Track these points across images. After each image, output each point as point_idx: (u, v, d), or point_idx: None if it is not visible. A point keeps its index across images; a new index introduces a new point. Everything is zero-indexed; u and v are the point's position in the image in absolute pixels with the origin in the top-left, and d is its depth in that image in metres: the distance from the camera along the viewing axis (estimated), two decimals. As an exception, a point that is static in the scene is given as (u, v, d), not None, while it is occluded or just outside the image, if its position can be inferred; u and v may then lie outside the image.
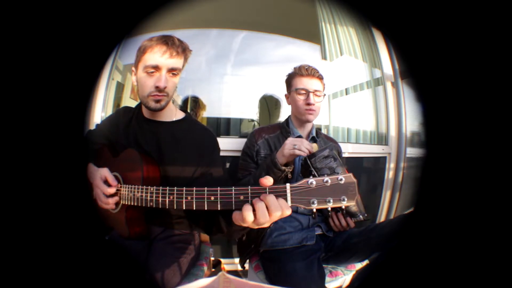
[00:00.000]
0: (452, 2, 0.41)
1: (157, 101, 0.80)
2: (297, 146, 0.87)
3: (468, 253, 0.39)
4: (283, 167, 0.90)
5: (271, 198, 0.51)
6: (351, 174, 0.51)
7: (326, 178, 0.51)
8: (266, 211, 0.50)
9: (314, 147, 0.89)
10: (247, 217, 0.51)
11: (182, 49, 0.80)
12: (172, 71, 0.79)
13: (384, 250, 0.88)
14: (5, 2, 0.39)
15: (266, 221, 0.51)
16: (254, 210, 0.51)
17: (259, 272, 0.99)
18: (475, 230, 0.39)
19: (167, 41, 0.78)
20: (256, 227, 0.53)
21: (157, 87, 0.78)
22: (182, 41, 0.81)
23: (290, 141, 0.90)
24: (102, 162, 0.83)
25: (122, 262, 0.63)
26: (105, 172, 0.77)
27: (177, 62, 0.79)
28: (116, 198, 0.77)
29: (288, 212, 0.51)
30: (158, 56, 0.77)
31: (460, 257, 0.40)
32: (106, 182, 0.76)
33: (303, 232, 1.00)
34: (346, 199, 0.50)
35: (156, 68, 0.78)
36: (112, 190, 0.75)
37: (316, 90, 1.03)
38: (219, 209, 0.55)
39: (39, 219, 0.42)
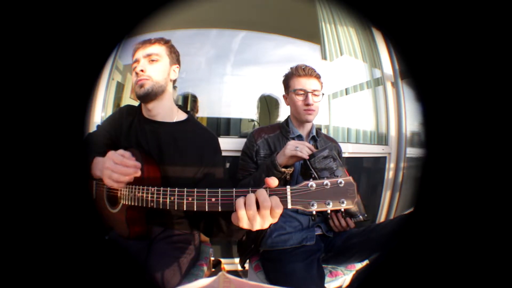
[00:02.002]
0: (452, 2, 0.41)
1: (141, 86, 0.83)
2: (299, 148, 0.87)
3: (468, 253, 0.39)
4: (283, 169, 0.90)
5: (261, 190, 0.52)
6: (350, 177, 0.52)
7: (325, 181, 0.51)
8: (255, 202, 0.51)
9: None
10: (239, 211, 0.51)
11: (156, 40, 0.87)
12: (149, 56, 0.85)
13: (384, 250, 0.88)
14: (5, 2, 0.39)
15: (254, 213, 0.51)
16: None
17: (259, 272, 0.99)
18: (475, 230, 0.39)
19: (144, 39, 0.87)
20: (253, 229, 0.53)
21: (136, 73, 0.84)
22: (160, 37, 0.89)
23: (292, 142, 0.90)
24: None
25: (122, 262, 0.63)
26: (121, 150, 0.69)
27: (152, 48, 0.86)
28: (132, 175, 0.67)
29: (279, 210, 0.51)
30: (136, 52, 0.87)
31: (460, 257, 0.40)
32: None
33: (303, 232, 1.00)
34: (345, 202, 0.51)
35: (136, 61, 0.86)
36: (136, 163, 0.67)
37: (314, 90, 1.03)
38: (219, 210, 0.55)
39: (39, 219, 0.42)
